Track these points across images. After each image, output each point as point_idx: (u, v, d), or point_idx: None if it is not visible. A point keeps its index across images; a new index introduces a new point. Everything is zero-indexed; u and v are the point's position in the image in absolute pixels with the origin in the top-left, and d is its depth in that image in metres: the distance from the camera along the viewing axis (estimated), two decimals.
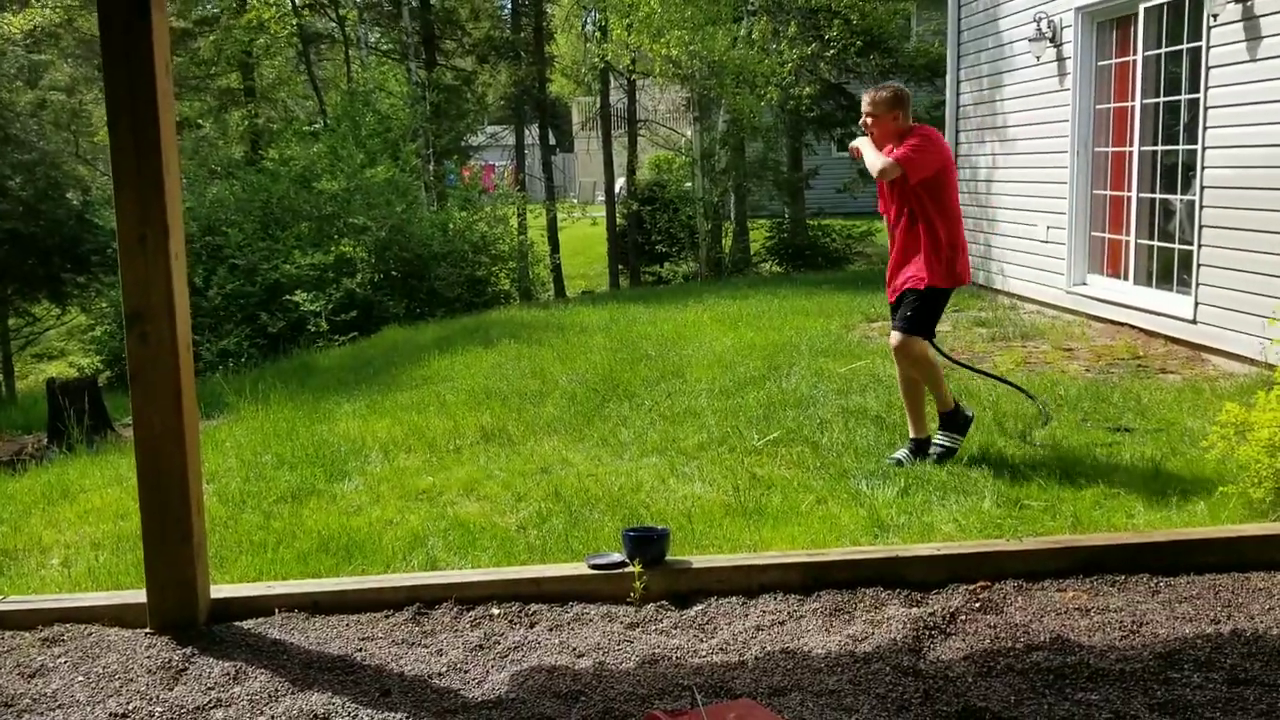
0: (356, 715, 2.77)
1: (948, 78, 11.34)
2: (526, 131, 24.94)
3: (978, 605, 3.32)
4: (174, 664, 3.11)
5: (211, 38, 20.44)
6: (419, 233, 14.14)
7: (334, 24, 22.60)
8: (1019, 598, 3.39)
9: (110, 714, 2.82)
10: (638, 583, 3.46)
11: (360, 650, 3.19)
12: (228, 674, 3.04)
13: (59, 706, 2.89)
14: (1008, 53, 9.81)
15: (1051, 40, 8.84)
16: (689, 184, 18.82)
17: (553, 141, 26.01)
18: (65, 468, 6.26)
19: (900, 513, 4.32)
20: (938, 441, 5.05)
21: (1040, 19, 8.92)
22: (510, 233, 16.53)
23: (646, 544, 3.56)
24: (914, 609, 3.30)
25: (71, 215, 16.25)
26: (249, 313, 12.65)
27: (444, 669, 3.04)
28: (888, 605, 3.36)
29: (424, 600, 3.50)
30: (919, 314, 4.91)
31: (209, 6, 21.34)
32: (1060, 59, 8.82)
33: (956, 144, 11.12)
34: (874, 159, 4.81)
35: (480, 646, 3.20)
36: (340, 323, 12.25)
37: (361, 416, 6.73)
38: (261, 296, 12.77)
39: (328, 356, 10.69)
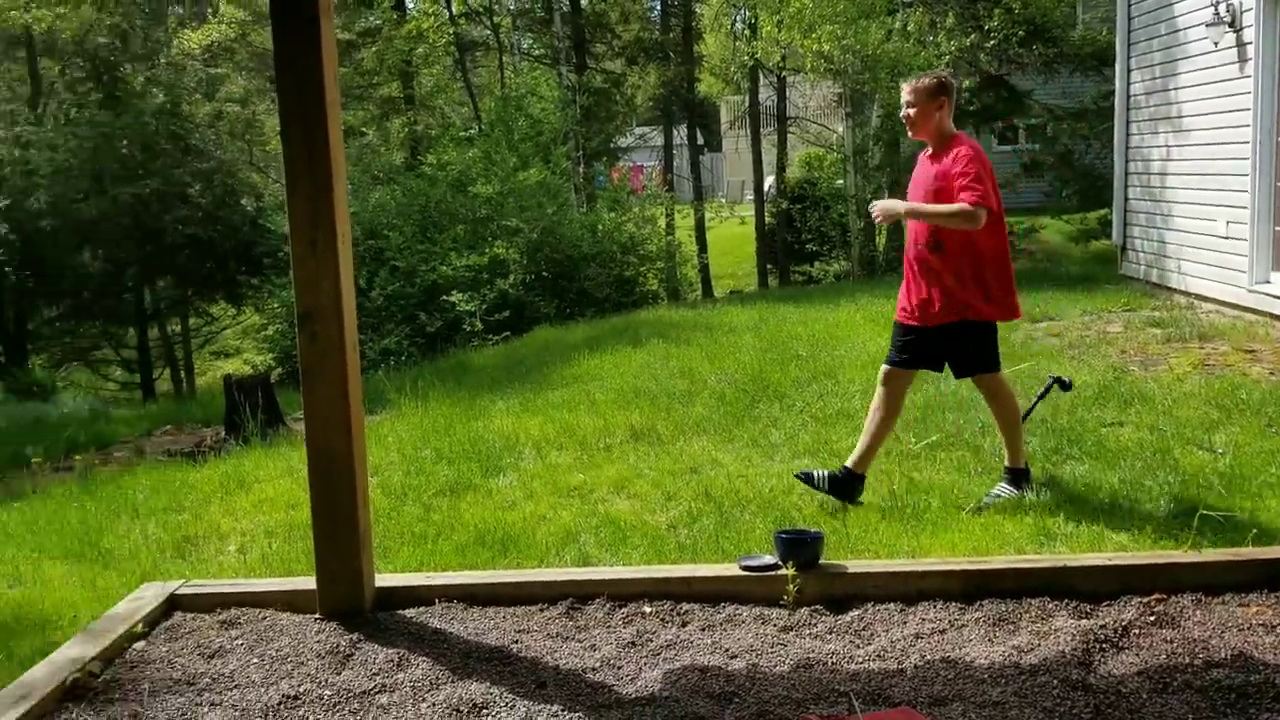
0: (514, 706, 2.82)
1: (1117, 66, 10.81)
2: (675, 132, 25.04)
3: (1152, 618, 3.14)
4: (342, 649, 3.23)
5: (374, 48, 21.27)
6: (569, 234, 14.37)
7: (489, 31, 23.21)
8: (1197, 611, 3.19)
9: (283, 695, 2.94)
10: (791, 585, 3.41)
11: (516, 642, 3.25)
12: (391, 660, 3.14)
13: (236, 686, 3.04)
14: (1182, 39, 9.29)
15: (1231, 25, 8.32)
16: (840, 181, 18.53)
17: (701, 141, 26.05)
18: (241, 459, 6.60)
19: (1068, 520, 4.14)
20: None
21: (1218, 2, 8.40)
22: (658, 233, 16.63)
23: (800, 547, 3.51)
24: (1083, 621, 3.15)
25: (246, 221, 17.17)
26: (408, 313, 13.10)
27: (598, 664, 3.06)
28: (1055, 616, 3.21)
29: (577, 596, 3.53)
30: (983, 349, 4.51)
31: (371, 19, 22.21)
32: (1240, 44, 8.30)
33: (1127, 135, 10.60)
34: (947, 210, 4.25)
35: (633, 644, 3.21)
36: (494, 322, 12.55)
37: (515, 414, 6.86)
38: (420, 297, 13.21)
39: (482, 355, 10.96)
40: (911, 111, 4.50)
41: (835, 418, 5.97)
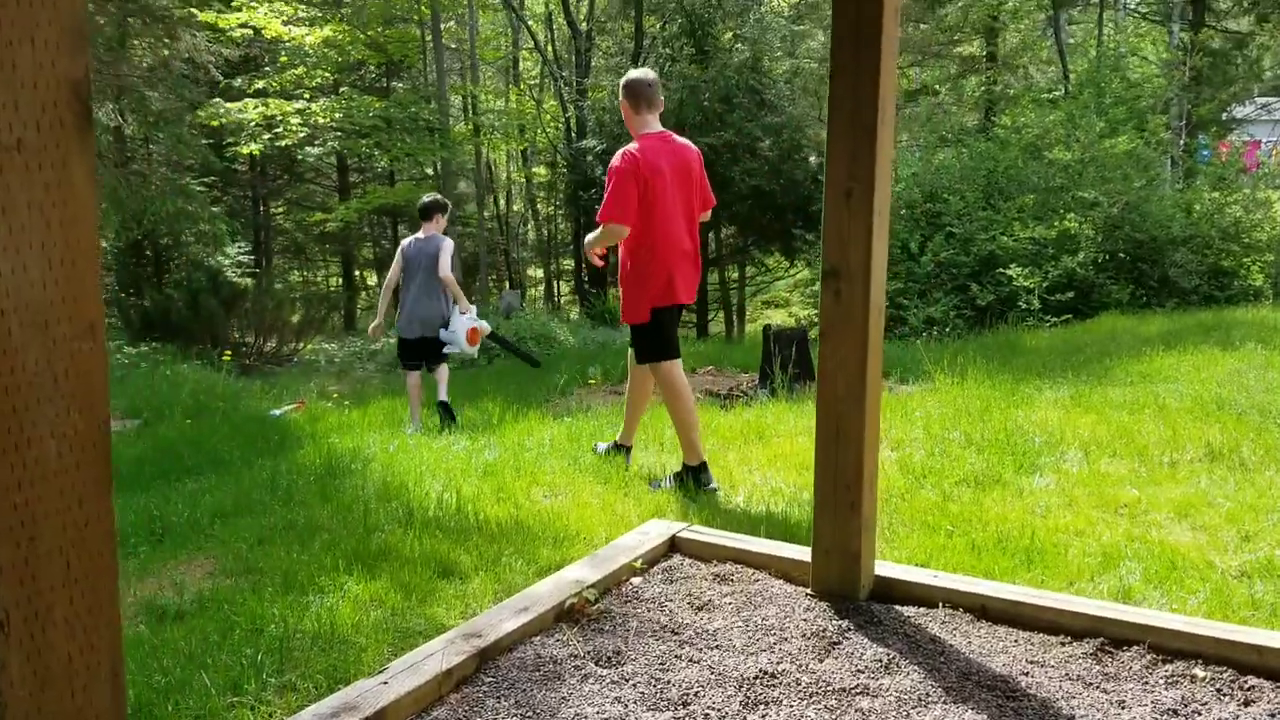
0: None
1: None
2: None
3: None
4: (828, 634, 2.98)
5: (960, 3, 20.50)
6: (1157, 212, 12.74)
7: None
8: None
9: (760, 670, 2.76)
10: None
11: (1027, 674, 2.76)
12: (880, 661, 2.82)
13: (716, 647, 2.91)
14: None
15: None
16: None
17: None
18: (765, 410, 6.63)
19: None
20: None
21: None
22: (1271, 219, 14.21)
23: None
24: None
25: (808, 175, 17.51)
26: (959, 282, 12.51)
27: None
28: None
29: (1110, 637, 2.94)
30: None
31: None
32: None
33: None
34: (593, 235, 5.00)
35: (1174, 711, 2.57)
36: (1054, 303, 11.55)
37: (1064, 407, 6.14)
38: (974, 267, 12.54)
39: (1035, 337, 10.12)
40: None
41: None
